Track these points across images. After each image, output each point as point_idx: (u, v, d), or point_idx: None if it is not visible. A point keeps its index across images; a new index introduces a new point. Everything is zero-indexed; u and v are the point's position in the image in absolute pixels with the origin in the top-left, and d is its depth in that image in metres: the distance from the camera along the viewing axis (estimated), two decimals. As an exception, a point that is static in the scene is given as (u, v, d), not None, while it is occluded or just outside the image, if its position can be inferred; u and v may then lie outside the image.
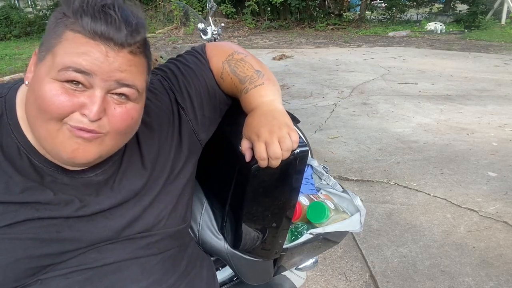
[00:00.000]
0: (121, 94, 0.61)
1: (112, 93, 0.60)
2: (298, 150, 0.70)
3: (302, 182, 1.07)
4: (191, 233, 0.91)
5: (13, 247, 0.61)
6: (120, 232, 0.70)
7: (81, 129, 0.58)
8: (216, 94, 0.82)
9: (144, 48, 0.63)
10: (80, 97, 0.58)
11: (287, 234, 0.91)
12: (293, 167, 0.72)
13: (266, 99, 0.75)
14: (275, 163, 0.68)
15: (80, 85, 0.57)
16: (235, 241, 0.83)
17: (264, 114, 0.72)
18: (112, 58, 0.57)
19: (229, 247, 0.86)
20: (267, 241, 0.83)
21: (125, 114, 0.61)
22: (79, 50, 0.56)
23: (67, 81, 0.57)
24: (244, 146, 0.72)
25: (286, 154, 0.68)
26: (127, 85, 0.60)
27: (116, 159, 0.71)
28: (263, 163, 0.68)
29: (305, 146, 0.71)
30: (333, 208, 0.95)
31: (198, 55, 0.83)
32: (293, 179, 0.73)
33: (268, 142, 0.67)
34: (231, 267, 0.90)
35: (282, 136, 0.67)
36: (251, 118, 0.73)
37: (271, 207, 0.77)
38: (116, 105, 0.61)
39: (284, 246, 0.88)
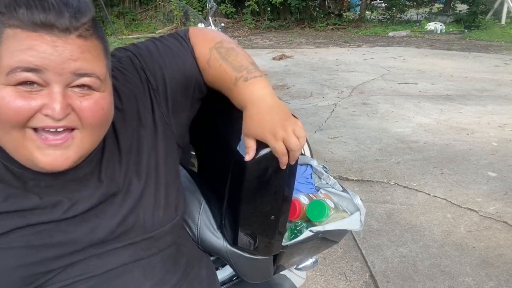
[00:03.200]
0: (82, 86, 0.55)
1: (72, 87, 0.55)
2: None
3: (302, 182, 1.07)
4: (190, 233, 0.91)
5: (6, 257, 0.59)
6: (114, 231, 0.67)
7: (48, 129, 0.54)
8: (193, 81, 0.76)
9: (94, 30, 0.56)
10: (37, 98, 0.53)
11: (287, 232, 0.91)
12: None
13: (268, 91, 0.73)
14: (297, 154, 0.69)
15: (35, 85, 0.52)
16: (235, 237, 0.83)
17: (271, 109, 0.70)
18: (61, 47, 0.52)
19: (228, 245, 0.86)
20: (266, 235, 0.83)
21: (94, 106, 0.57)
22: (22, 46, 0.51)
23: (20, 84, 0.52)
24: (251, 146, 0.69)
25: (303, 141, 0.69)
26: (86, 74, 0.55)
27: (98, 147, 0.66)
28: (284, 159, 0.68)
29: None
30: (333, 206, 0.95)
31: (180, 38, 0.77)
32: (288, 168, 0.74)
33: (285, 138, 0.67)
34: (231, 266, 0.90)
35: (295, 127, 0.68)
36: (257, 115, 0.69)
37: (268, 199, 0.77)
38: (81, 99, 0.55)
39: (284, 244, 0.88)
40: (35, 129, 0.55)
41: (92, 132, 0.59)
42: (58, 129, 0.55)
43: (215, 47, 0.75)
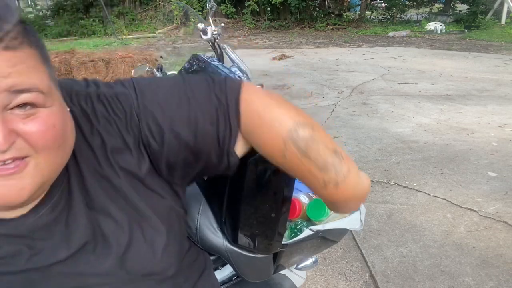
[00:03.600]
0: (23, 105, 0.45)
1: (12, 109, 0.45)
2: None
3: (302, 181, 1.07)
4: (189, 232, 0.91)
5: None
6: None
7: None
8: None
9: (24, 36, 0.46)
10: None
11: (287, 231, 0.91)
12: None
13: (356, 191, 0.61)
14: None
15: None
16: (235, 235, 0.83)
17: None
18: None
19: (228, 244, 0.86)
20: (266, 234, 0.83)
21: (42, 126, 0.47)
22: None
23: None
24: None
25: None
26: (24, 90, 0.45)
27: (62, 188, 0.56)
28: None
29: None
30: None
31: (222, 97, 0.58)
32: None
33: None
34: (231, 265, 0.90)
35: None
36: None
37: (268, 199, 0.77)
38: (25, 121, 0.46)
39: (284, 243, 0.88)
40: None
41: (48, 156, 0.48)
42: (6, 162, 0.46)
43: (290, 137, 0.56)
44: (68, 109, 0.53)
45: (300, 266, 1.12)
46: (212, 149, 0.59)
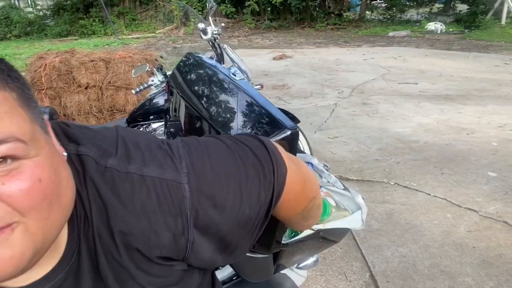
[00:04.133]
0: (1, 161, 0.38)
1: None
2: (289, 133, 0.73)
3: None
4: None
5: None
6: None
7: None
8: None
9: None
10: None
11: (287, 231, 0.91)
12: (287, 147, 0.74)
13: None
14: None
15: None
16: None
17: None
18: None
19: None
20: (266, 233, 0.83)
21: (26, 183, 0.38)
22: None
23: None
24: None
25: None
26: None
27: (70, 268, 0.49)
28: None
29: (295, 128, 0.74)
30: (334, 205, 0.95)
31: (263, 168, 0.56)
32: None
33: None
34: (231, 265, 0.90)
35: None
36: None
37: None
38: (4, 179, 0.37)
39: (284, 242, 0.88)
40: None
41: (38, 217, 0.40)
42: None
43: (304, 210, 0.65)
44: (65, 154, 0.46)
45: (301, 265, 1.12)
46: (243, 238, 0.57)
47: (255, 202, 0.54)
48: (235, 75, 1.15)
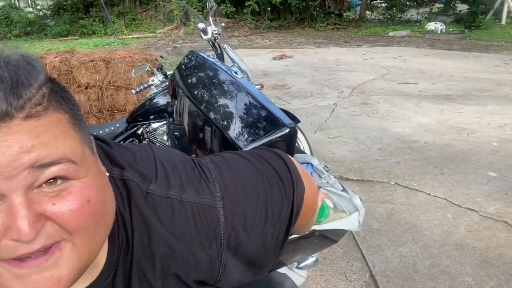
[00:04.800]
0: (52, 181, 0.38)
1: (38, 187, 0.38)
2: (287, 131, 0.74)
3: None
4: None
5: None
6: None
7: (22, 258, 0.38)
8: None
9: (51, 100, 0.40)
10: None
11: None
12: (284, 146, 0.76)
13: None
14: None
15: None
16: None
17: None
18: (4, 141, 0.36)
19: None
20: None
21: (76, 204, 0.39)
22: None
23: None
24: None
25: None
26: (51, 164, 0.38)
27: (99, 286, 0.50)
28: None
29: (293, 125, 0.75)
30: (332, 207, 0.95)
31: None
32: None
33: None
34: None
35: None
36: None
37: None
38: (54, 200, 0.38)
39: None
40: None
41: (85, 236, 0.41)
42: (36, 254, 0.39)
43: (303, 225, 0.69)
44: (107, 174, 0.48)
45: (301, 265, 1.12)
46: (267, 258, 0.59)
47: (276, 221, 0.57)
48: (236, 74, 1.16)
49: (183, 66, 1.37)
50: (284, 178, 0.58)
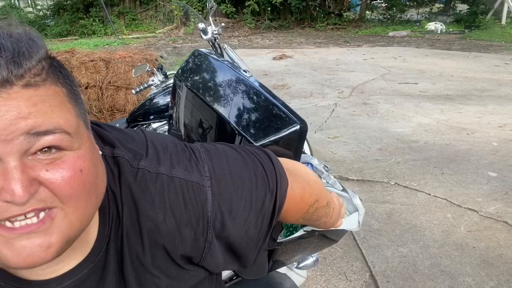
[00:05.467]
0: (47, 150, 0.41)
1: (34, 153, 0.40)
2: (298, 127, 0.74)
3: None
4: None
5: None
6: None
7: (13, 218, 0.40)
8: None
9: (49, 73, 0.42)
10: None
11: (283, 230, 0.91)
12: (294, 143, 0.76)
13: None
14: None
15: None
16: None
17: None
18: (3, 105, 0.38)
19: None
20: None
21: (68, 172, 0.41)
22: None
23: None
24: None
25: None
26: (46, 132, 0.40)
27: (91, 265, 0.51)
28: None
29: (304, 122, 0.75)
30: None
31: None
32: (295, 155, 0.76)
33: None
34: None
35: None
36: None
37: None
38: (48, 167, 0.41)
39: (278, 241, 0.88)
40: None
41: (77, 205, 0.43)
42: (28, 215, 0.40)
43: (303, 217, 0.71)
44: (100, 153, 0.49)
45: (300, 265, 1.12)
46: (249, 248, 0.60)
47: (259, 211, 0.58)
48: (245, 72, 1.17)
49: (189, 65, 1.37)
50: (268, 172, 0.60)
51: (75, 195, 0.42)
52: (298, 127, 0.85)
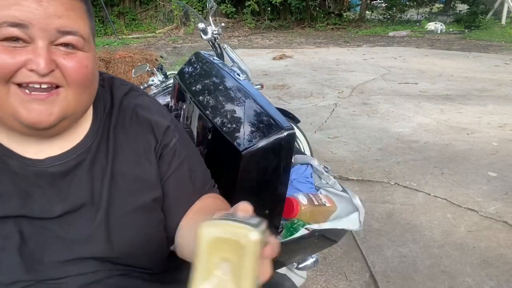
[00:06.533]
0: (66, 45, 0.57)
1: (57, 45, 0.56)
2: (285, 134, 0.75)
3: (302, 181, 1.07)
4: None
5: None
6: (71, 249, 0.62)
7: (32, 84, 0.55)
8: None
9: None
10: (22, 54, 0.54)
11: (284, 230, 0.91)
12: (283, 149, 0.75)
13: None
14: None
15: (20, 41, 0.54)
16: None
17: None
18: (45, 3, 0.53)
19: None
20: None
21: (78, 64, 0.57)
22: (8, 2, 0.52)
23: (5, 39, 0.53)
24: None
25: None
26: (70, 33, 0.56)
27: (82, 151, 0.65)
28: None
29: (292, 129, 0.76)
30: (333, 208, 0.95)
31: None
32: (282, 161, 0.75)
33: None
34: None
35: None
36: None
37: (263, 192, 0.78)
38: (65, 56, 0.56)
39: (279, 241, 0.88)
40: (19, 85, 0.55)
41: (77, 91, 0.59)
42: (43, 85, 0.56)
43: None
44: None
45: (300, 265, 1.12)
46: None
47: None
48: (239, 75, 1.16)
49: (188, 67, 1.38)
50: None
51: (77, 81, 0.58)
52: (284, 134, 0.83)
